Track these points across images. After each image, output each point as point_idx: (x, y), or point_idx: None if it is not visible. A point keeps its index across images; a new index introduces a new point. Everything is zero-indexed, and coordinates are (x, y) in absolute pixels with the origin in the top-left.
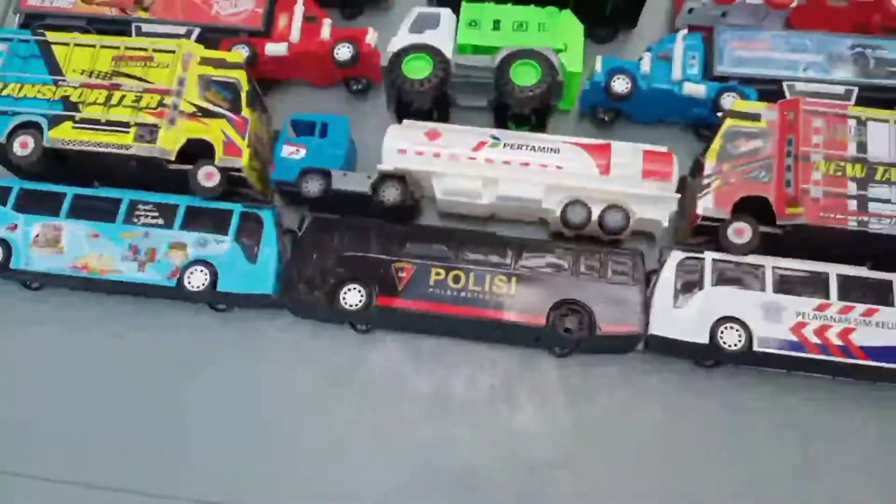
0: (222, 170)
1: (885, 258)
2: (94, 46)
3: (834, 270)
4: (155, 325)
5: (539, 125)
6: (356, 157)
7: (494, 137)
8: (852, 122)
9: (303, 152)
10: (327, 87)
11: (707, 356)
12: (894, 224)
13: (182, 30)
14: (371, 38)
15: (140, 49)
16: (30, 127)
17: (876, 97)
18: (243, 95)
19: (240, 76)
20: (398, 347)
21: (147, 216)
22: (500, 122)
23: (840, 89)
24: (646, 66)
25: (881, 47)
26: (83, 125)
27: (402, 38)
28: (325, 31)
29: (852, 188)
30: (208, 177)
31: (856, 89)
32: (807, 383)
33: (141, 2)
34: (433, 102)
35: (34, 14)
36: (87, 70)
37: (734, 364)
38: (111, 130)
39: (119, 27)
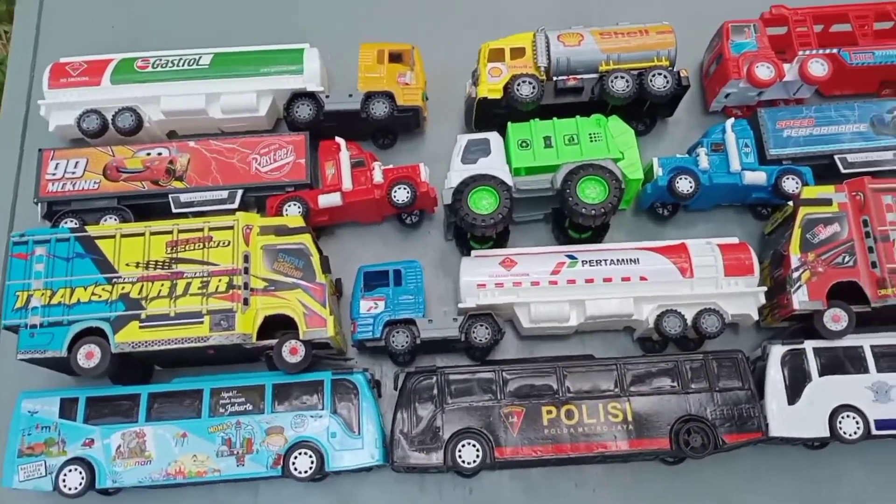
0: (306, 342)
1: None
2: (143, 234)
3: None
4: None
5: (601, 228)
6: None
7: (570, 257)
8: None
9: (381, 305)
10: (377, 223)
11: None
12: None
13: (224, 194)
14: (425, 174)
15: (195, 230)
16: (92, 333)
17: None
18: (314, 261)
19: (306, 240)
20: (509, 483)
21: (233, 403)
22: (560, 232)
23: (890, 154)
24: (704, 163)
25: None
26: (151, 323)
27: (458, 170)
28: (378, 175)
29: None
30: (293, 352)
31: None
32: None
33: (174, 172)
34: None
35: (57, 201)
36: (142, 262)
37: None
38: (183, 324)
39: (154, 201)
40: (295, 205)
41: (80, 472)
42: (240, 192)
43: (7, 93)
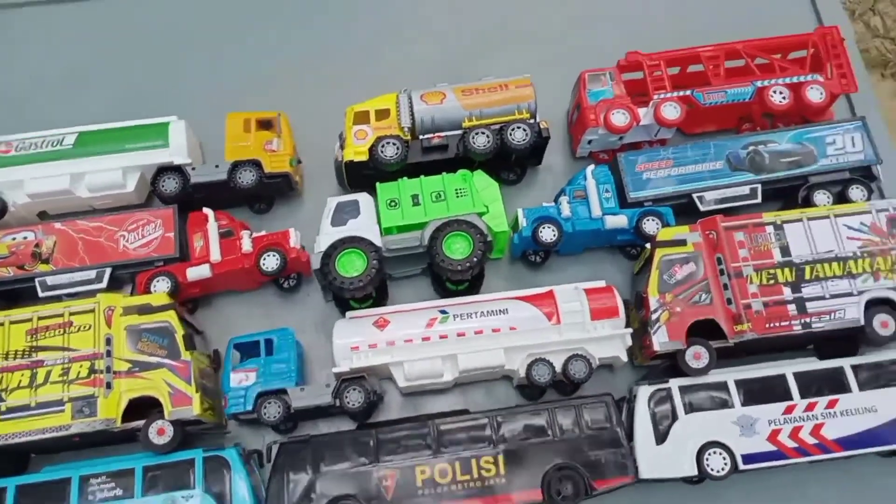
0: (174, 422)
1: (823, 343)
2: (2, 325)
3: (790, 370)
4: None
5: (476, 278)
6: (304, 356)
7: (442, 312)
8: (770, 229)
9: (253, 376)
10: (254, 289)
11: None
12: (833, 319)
13: (92, 274)
14: (295, 240)
15: (55, 316)
16: None
17: (776, 188)
18: (179, 338)
19: (170, 318)
20: None
21: (103, 489)
22: (439, 285)
23: (745, 189)
24: (566, 210)
25: (771, 141)
26: (12, 415)
27: (327, 233)
28: (247, 244)
29: (788, 293)
30: (160, 433)
31: (759, 186)
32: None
33: (39, 255)
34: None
35: None
36: (2, 352)
37: None
38: (44, 413)
39: (21, 286)
40: (163, 280)
41: None
42: (108, 270)
43: None
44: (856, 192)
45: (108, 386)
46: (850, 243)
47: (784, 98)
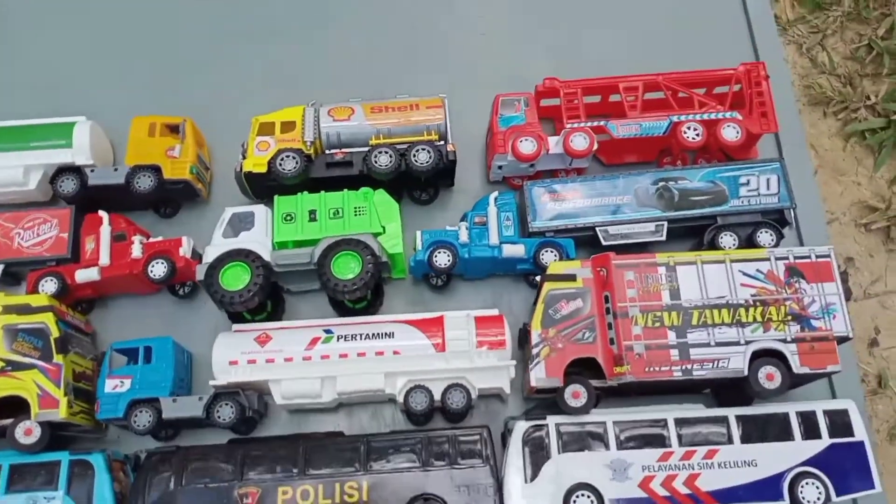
0: (42, 423)
1: (719, 389)
2: None
3: (671, 416)
4: None
5: (375, 298)
6: (191, 367)
7: (327, 331)
8: (662, 269)
9: (128, 384)
10: (154, 293)
11: None
12: (716, 367)
13: None
14: (186, 248)
15: None
16: None
17: (685, 226)
18: (52, 341)
19: (47, 320)
20: None
21: None
22: (336, 304)
23: (651, 226)
24: (464, 236)
25: (682, 178)
26: None
27: (217, 245)
28: (137, 250)
29: (672, 337)
30: (27, 433)
31: (665, 224)
32: None
33: None
34: (262, 301)
35: None
36: None
37: None
38: None
39: None
40: (51, 280)
41: None
42: (0, 267)
43: None
44: (764, 236)
45: None
46: (743, 290)
47: (698, 135)
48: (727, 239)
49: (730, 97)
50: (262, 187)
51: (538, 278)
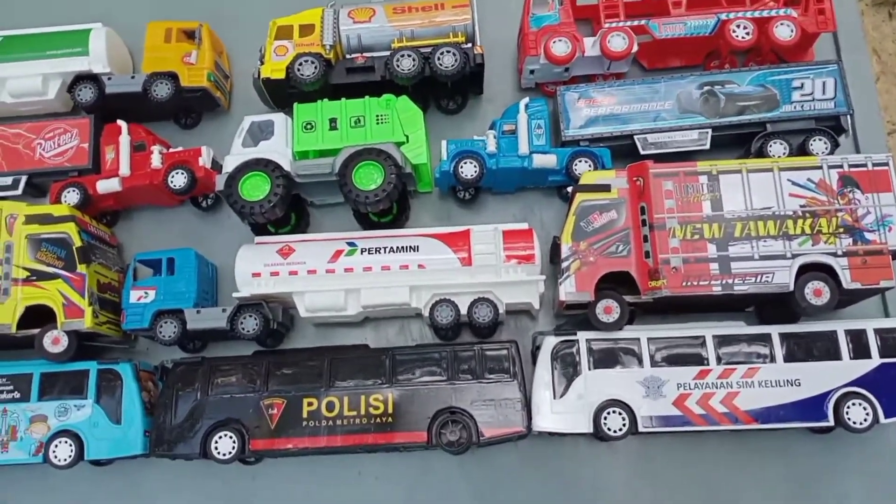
0: (69, 332)
1: (764, 306)
2: None
3: (710, 332)
4: (37, 492)
5: (401, 211)
6: (216, 278)
7: (350, 244)
8: (704, 179)
9: (152, 294)
10: (177, 205)
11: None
12: (759, 282)
13: (9, 180)
14: (205, 158)
15: None
16: None
17: (731, 134)
18: (75, 251)
19: (69, 230)
20: (294, 470)
21: (2, 391)
22: (361, 217)
23: (693, 134)
24: (491, 146)
25: (730, 82)
26: None
27: (236, 154)
28: (156, 159)
29: (712, 250)
30: (55, 342)
31: (709, 131)
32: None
33: None
34: (283, 212)
35: None
36: None
37: None
38: None
39: None
40: (73, 191)
41: None
42: (24, 178)
43: None
44: (818, 143)
45: (5, 292)
46: (791, 201)
47: (748, 33)
48: (777, 147)
49: None
50: (282, 95)
51: (570, 190)
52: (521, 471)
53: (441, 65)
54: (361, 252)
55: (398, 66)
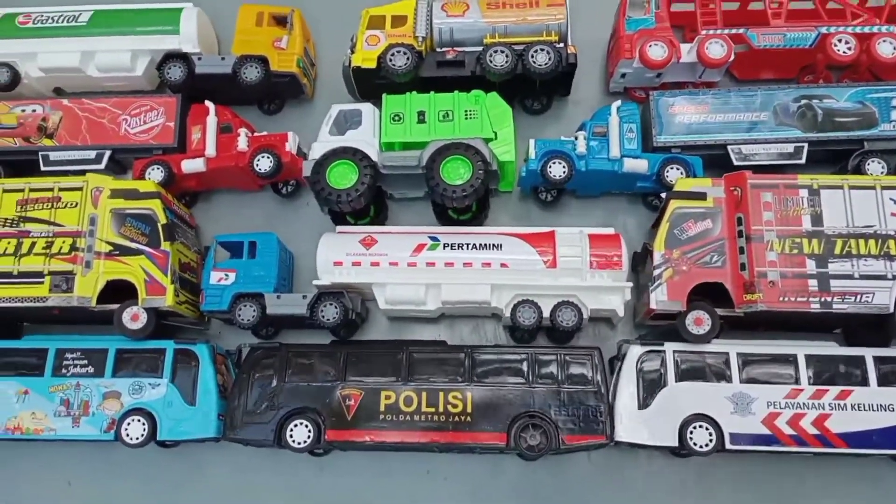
0: (148, 309)
1: (855, 328)
2: None
3: (802, 351)
4: (100, 469)
5: (480, 209)
6: (293, 265)
7: (433, 238)
8: (804, 193)
9: (232, 277)
10: (256, 190)
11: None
12: (859, 302)
13: (92, 154)
14: (291, 144)
15: (45, 190)
16: None
17: (827, 150)
18: (160, 227)
19: (155, 206)
20: (362, 464)
21: (76, 365)
22: (440, 213)
23: (789, 147)
24: (581, 147)
25: (828, 97)
26: None
27: (323, 141)
28: (243, 142)
29: (811, 266)
30: (134, 319)
31: (805, 146)
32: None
33: (45, 129)
34: (368, 203)
35: None
36: None
37: None
38: (24, 283)
39: (25, 158)
40: (157, 169)
41: None
42: (107, 153)
43: None
44: None
45: (88, 265)
46: (893, 220)
47: (849, 49)
48: (875, 165)
49: (887, 10)
50: (369, 85)
51: (664, 195)
52: (592, 480)
53: (535, 63)
54: (444, 247)
55: (491, 62)
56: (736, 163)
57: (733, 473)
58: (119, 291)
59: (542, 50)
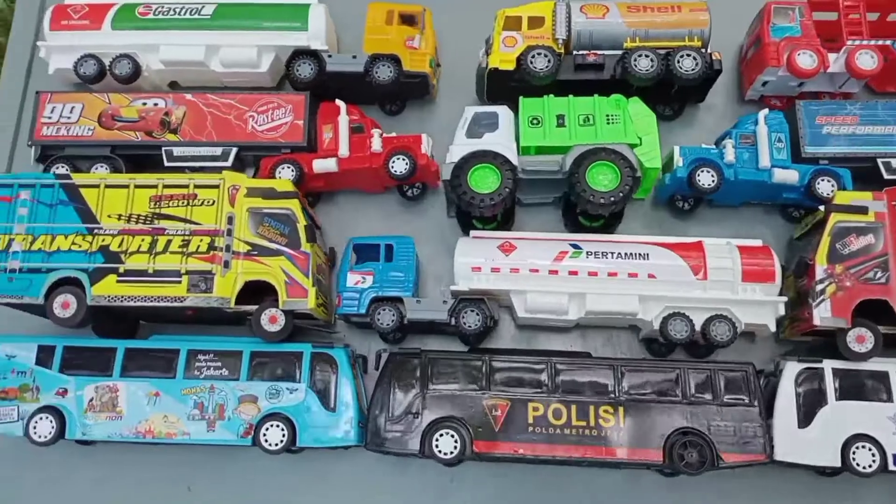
0: (286, 312)
1: None
2: (127, 187)
3: None
4: (227, 473)
5: (614, 217)
6: (419, 268)
7: (575, 246)
8: None
9: (369, 280)
10: (379, 192)
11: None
12: None
13: (218, 151)
14: (426, 146)
15: (180, 186)
16: (69, 283)
17: None
18: (300, 228)
19: (293, 206)
20: (494, 476)
21: (209, 367)
22: (570, 220)
23: None
24: (730, 156)
25: None
26: (129, 278)
27: (461, 144)
28: (377, 143)
29: None
30: (272, 321)
31: None
32: None
33: (168, 124)
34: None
35: (51, 145)
36: (125, 214)
37: None
38: (161, 282)
39: (147, 153)
40: (288, 168)
41: (51, 421)
42: (234, 150)
43: (14, 32)
44: None
45: (226, 265)
46: None
47: None
48: None
49: None
50: (502, 87)
51: (822, 208)
52: (738, 499)
53: (681, 68)
54: (587, 255)
55: (636, 66)
56: (886, 176)
57: (882, 494)
58: (245, 292)
59: (689, 55)
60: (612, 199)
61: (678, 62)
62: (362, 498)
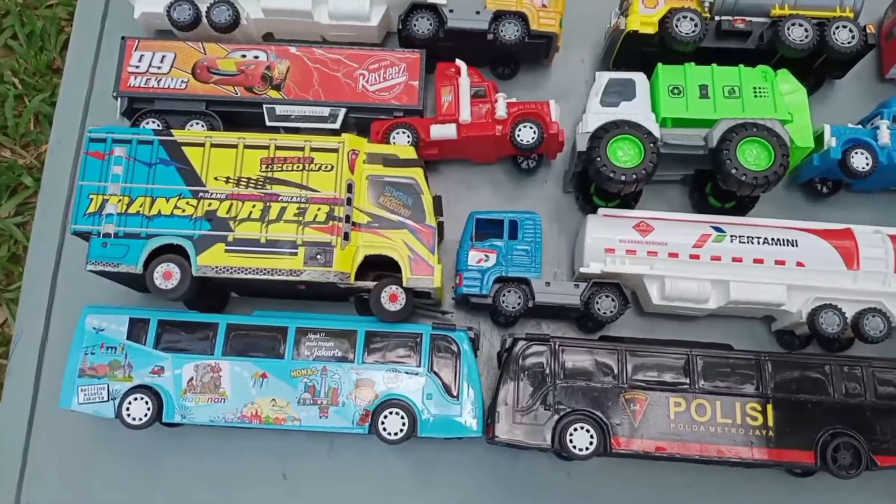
0: (407, 290)
1: None
2: (235, 147)
3: None
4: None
5: (749, 201)
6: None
7: (717, 229)
8: None
9: (493, 259)
10: (490, 163)
11: None
12: None
13: (325, 111)
14: (555, 113)
15: (295, 149)
16: (171, 251)
17: None
18: (425, 199)
19: (417, 175)
20: (611, 471)
21: (321, 347)
22: (700, 198)
23: None
24: (885, 138)
25: None
26: (239, 248)
27: (596, 112)
28: (501, 109)
29: None
30: (392, 299)
31: None
32: None
33: (270, 79)
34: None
35: (139, 97)
36: (233, 177)
37: None
38: (275, 253)
39: (246, 110)
40: (404, 133)
41: (147, 403)
42: (343, 110)
43: None
44: None
45: (346, 237)
46: None
47: None
48: None
49: None
50: (634, 52)
51: None
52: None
53: (837, 40)
54: (731, 239)
55: (789, 36)
56: None
57: None
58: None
59: (845, 27)
60: (766, 178)
61: (834, 34)
62: (474, 491)
